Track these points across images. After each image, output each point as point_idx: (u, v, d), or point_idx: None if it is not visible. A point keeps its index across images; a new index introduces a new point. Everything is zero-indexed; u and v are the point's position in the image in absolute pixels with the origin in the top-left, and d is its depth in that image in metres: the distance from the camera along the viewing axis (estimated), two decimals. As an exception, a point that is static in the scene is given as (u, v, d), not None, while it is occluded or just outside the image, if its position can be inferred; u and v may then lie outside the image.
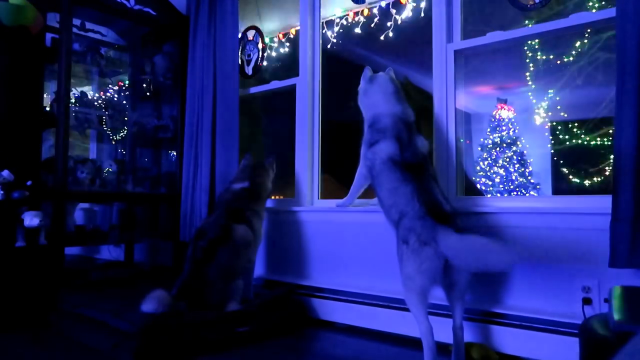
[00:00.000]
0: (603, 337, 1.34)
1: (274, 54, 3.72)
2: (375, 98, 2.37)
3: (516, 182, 5.06)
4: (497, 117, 5.26)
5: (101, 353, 2.16)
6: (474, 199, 2.53)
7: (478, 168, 5.24)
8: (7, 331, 2.54)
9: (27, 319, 2.69)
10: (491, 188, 5.14)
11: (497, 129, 5.25)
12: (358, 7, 3.26)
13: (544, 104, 4.81)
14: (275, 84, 3.45)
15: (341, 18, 3.40)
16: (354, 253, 2.76)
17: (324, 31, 3.34)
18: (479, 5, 3.16)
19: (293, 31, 3.63)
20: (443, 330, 2.02)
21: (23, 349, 2.29)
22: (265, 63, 3.59)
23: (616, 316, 1.34)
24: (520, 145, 5.17)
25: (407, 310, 2.02)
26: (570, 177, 4.60)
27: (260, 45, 3.53)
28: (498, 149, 5.18)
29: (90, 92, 3.73)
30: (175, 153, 3.67)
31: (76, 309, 2.57)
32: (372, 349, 2.28)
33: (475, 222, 2.29)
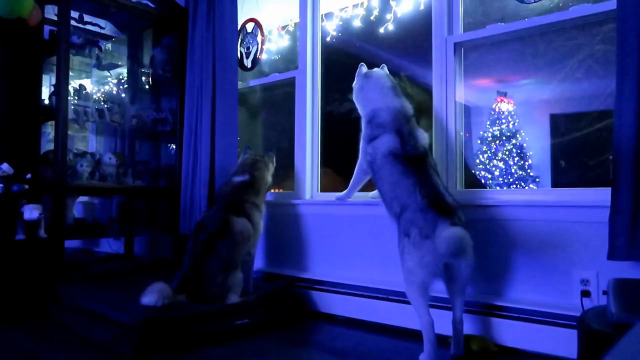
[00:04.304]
0: (601, 329, 1.35)
1: (273, 46, 3.71)
2: (372, 93, 2.37)
3: (515, 175, 5.06)
4: (497, 110, 5.24)
5: (101, 345, 2.17)
6: (474, 192, 2.53)
7: (478, 161, 5.23)
8: (7, 323, 2.55)
9: (28, 311, 2.70)
10: (490, 181, 5.14)
11: (497, 122, 5.23)
12: None
13: (544, 97, 4.79)
14: (274, 77, 3.44)
15: (341, 10, 3.38)
16: (353, 246, 2.76)
17: (323, 24, 3.32)
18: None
19: (292, 23, 3.62)
20: (442, 323, 2.03)
21: (23, 341, 2.29)
22: (264, 56, 3.57)
23: (614, 308, 1.35)
24: (519, 138, 5.16)
25: (406, 302, 2.03)
26: (570, 169, 4.60)
27: (259, 38, 3.52)
28: (498, 142, 5.16)
29: (89, 85, 3.72)
30: (174, 146, 3.66)
31: (76, 301, 2.58)
32: (371, 341, 2.29)
33: (476, 214, 2.29)
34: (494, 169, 5.14)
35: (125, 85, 3.77)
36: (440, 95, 2.59)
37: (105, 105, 3.46)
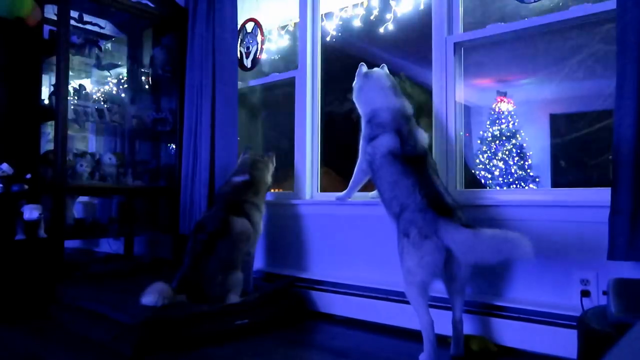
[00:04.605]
0: (601, 329, 1.35)
1: (273, 46, 3.71)
2: (372, 93, 2.37)
3: (515, 175, 5.06)
4: (497, 109, 5.24)
5: (101, 345, 2.17)
6: (474, 191, 2.53)
7: (477, 161, 5.23)
8: (7, 324, 2.55)
9: (27, 311, 2.70)
10: (490, 181, 5.14)
11: (497, 121, 5.23)
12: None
13: (544, 97, 4.79)
14: (274, 77, 3.44)
15: (340, 10, 3.38)
16: (353, 246, 2.76)
17: (323, 23, 3.32)
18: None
19: (292, 23, 3.62)
20: (442, 323, 2.03)
21: (23, 341, 2.29)
22: (264, 55, 3.57)
23: (614, 308, 1.35)
24: (519, 138, 5.16)
25: (406, 302, 2.03)
26: (570, 169, 4.60)
27: (259, 38, 3.52)
28: (497, 141, 5.17)
29: (88, 85, 3.72)
30: (174, 146, 3.66)
31: (76, 301, 2.58)
32: (371, 341, 2.29)
33: (475, 214, 2.29)
34: (493, 168, 5.14)
35: (125, 85, 3.77)
36: (440, 95, 2.59)
37: (105, 105, 3.46)
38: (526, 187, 4.99)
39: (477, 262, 1.85)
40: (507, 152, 5.10)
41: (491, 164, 5.17)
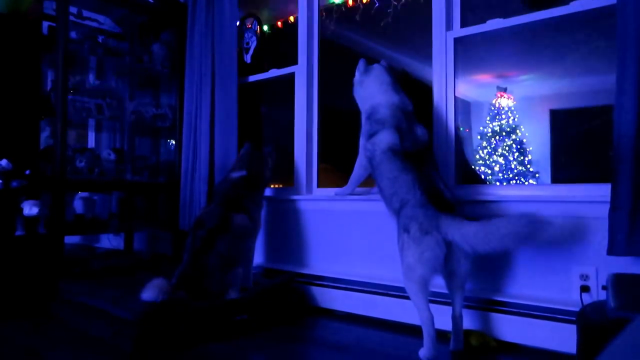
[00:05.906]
0: (600, 324, 1.35)
1: (272, 41, 3.69)
2: (372, 89, 2.36)
3: (515, 171, 5.06)
4: (497, 105, 5.23)
5: (102, 341, 2.18)
6: (473, 187, 2.53)
7: (477, 156, 5.23)
8: (7, 320, 2.55)
9: (28, 307, 2.71)
10: (490, 177, 5.14)
11: (497, 117, 5.23)
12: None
13: (544, 92, 4.79)
14: (273, 72, 3.43)
15: (339, 5, 3.37)
16: (353, 241, 2.77)
17: (322, 18, 3.31)
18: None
19: (292, 18, 3.60)
20: (442, 318, 2.03)
21: (24, 337, 2.30)
22: (263, 51, 3.56)
23: (613, 303, 1.35)
24: (519, 134, 5.15)
25: (406, 298, 2.04)
26: (569, 165, 4.60)
27: (258, 33, 3.51)
28: (497, 137, 5.16)
29: (88, 80, 3.71)
30: (173, 142, 3.66)
31: (76, 297, 2.58)
32: (371, 337, 2.30)
33: (476, 210, 2.29)
34: (493, 164, 5.14)
35: (124, 81, 3.75)
36: (440, 91, 2.58)
37: (105, 101, 3.45)
38: (526, 183, 4.99)
39: (486, 252, 1.84)
40: (507, 148, 5.10)
41: (491, 159, 5.16)
